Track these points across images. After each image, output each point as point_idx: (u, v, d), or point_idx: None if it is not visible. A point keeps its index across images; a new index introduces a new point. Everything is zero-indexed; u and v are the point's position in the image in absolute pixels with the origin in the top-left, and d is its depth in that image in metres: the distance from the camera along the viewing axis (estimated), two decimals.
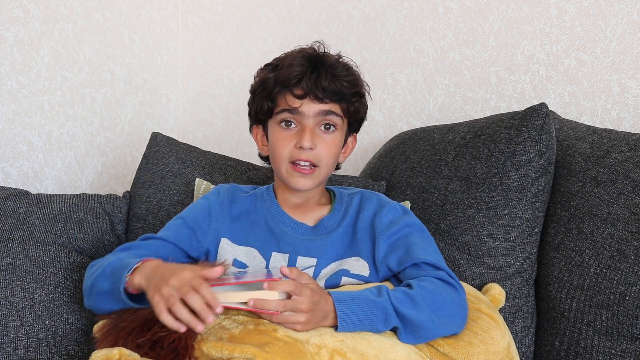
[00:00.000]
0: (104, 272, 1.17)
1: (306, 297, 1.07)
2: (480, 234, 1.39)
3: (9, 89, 1.83)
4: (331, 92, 1.25)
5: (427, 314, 1.13)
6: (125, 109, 2.13)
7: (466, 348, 1.16)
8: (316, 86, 1.24)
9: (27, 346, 1.40)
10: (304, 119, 1.26)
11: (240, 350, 1.01)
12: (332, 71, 1.26)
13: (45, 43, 1.90)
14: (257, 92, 1.32)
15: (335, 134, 1.28)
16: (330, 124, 1.27)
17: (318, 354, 1.04)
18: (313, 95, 1.24)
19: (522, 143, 1.38)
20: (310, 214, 1.33)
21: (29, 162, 1.88)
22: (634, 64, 1.53)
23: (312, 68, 1.26)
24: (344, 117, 1.29)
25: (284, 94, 1.26)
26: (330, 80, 1.25)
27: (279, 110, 1.27)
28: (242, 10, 2.16)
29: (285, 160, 1.27)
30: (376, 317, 1.10)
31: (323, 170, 1.28)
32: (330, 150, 1.27)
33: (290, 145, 1.26)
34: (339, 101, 1.27)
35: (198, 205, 1.34)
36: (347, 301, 1.11)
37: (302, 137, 1.24)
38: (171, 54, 2.26)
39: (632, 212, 1.27)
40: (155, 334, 1.09)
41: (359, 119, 1.35)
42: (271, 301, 1.05)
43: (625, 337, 1.23)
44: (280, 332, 1.06)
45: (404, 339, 1.13)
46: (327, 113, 1.26)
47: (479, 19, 1.73)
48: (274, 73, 1.28)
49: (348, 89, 1.27)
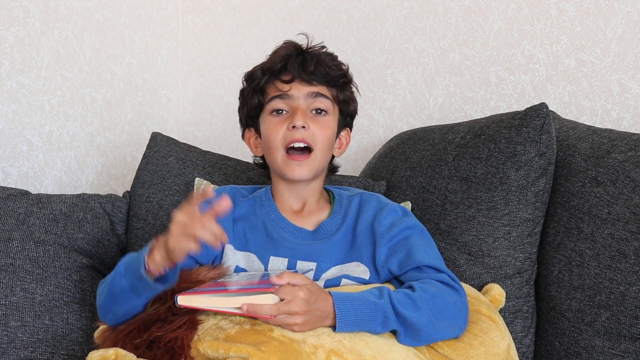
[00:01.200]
0: (117, 273, 1.16)
1: (300, 299, 1.06)
2: (480, 234, 1.39)
3: (9, 89, 1.83)
4: (319, 74, 1.28)
5: (428, 317, 1.13)
6: (125, 109, 2.13)
7: (466, 350, 1.16)
8: (303, 69, 1.27)
9: (27, 346, 1.40)
10: (294, 101, 1.27)
11: (235, 349, 1.01)
12: (317, 57, 1.29)
13: (45, 43, 1.90)
14: (245, 90, 1.34)
15: (327, 117, 1.29)
16: (321, 108, 1.28)
17: (314, 354, 1.04)
18: (300, 78, 1.27)
19: (522, 143, 1.38)
20: (310, 218, 1.32)
21: (29, 162, 1.88)
22: (634, 64, 1.53)
23: (297, 53, 1.29)
24: (334, 103, 1.31)
25: (273, 82, 1.29)
26: (316, 63, 1.28)
27: (269, 99, 1.28)
28: (242, 10, 2.16)
29: (279, 147, 1.27)
30: (375, 319, 1.10)
31: (319, 155, 1.27)
32: (323, 131, 1.28)
33: (283, 128, 1.26)
34: (327, 84, 1.29)
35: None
36: (347, 302, 1.10)
37: (294, 116, 1.25)
38: (171, 54, 2.26)
39: (632, 212, 1.27)
40: (152, 334, 1.09)
41: (350, 111, 1.36)
42: (264, 305, 1.05)
43: (625, 337, 1.23)
44: (277, 332, 1.06)
45: (404, 342, 1.13)
46: (316, 95, 1.28)
47: (479, 19, 1.73)
48: (261, 66, 1.32)
49: (335, 71, 1.30)
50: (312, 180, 1.31)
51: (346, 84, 1.34)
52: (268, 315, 1.05)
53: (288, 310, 1.06)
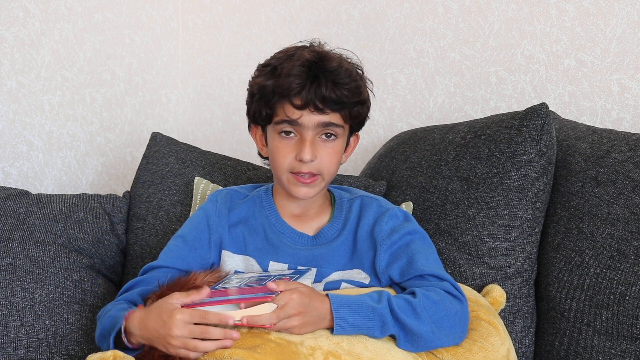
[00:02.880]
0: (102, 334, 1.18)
1: (294, 301, 1.07)
2: (480, 234, 1.39)
3: (9, 89, 1.83)
4: (331, 101, 1.19)
5: (428, 324, 1.13)
6: (125, 109, 2.13)
7: (465, 355, 1.16)
8: (316, 96, 1.18)
9: (27, 346, 1.40)
10: (304, 130, 1.21)
11: (230, 352, 1.02)
12: (332, 78, 1.19)
13: (45, 43, 1.90)
14: (255, 96, 1.26)
15: (336, 141, 1.24)
16: (331, 133, 1.23)
17: (312, 355, 1.04)
18: (313, 106, 1.19)
19: (523, 143, 1.38)
20: (310, 222, 1.30)
21: (29, 162, 1.88)
22: (634, 64, 1.53)
23: (312, 77, 1.19)
24: (345, 123, 1.25)
25: (283, 104, 1.21)
26: (331, 89, 1.18)
27: (278, 121, 1.22)
28: (242, 10, 2.16)
29: (285, 171, 1.23)
30: (373, 323, 1.10)
31: (326, 177, 1.25)
32: (331, 159, 1.23)
33: (291, 156, 1.22)
34: (339, 110, 1.21)
35: (196, 220, 1.31)
36: (344, 305, 1.10)
37: (302, 150, 1.20)
38: (171, 54, 2.26)
39: (632, 212, 1.27)
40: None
41: (362, 120, 1.29)
42: (262, 316, 1.06)
43: (625, 337, 1.23)
44: (273, 335, 1.06)
45: (403, 347, 1.13)
46: (327, 125, 1.21)
47: (479, 19, 1.73)
48: (272, 81, 1.21)
49: (349, 98, 1.21)
50: None
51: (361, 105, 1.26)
52: (268, 325, 1.06)
53: (285, 314, 1.07)
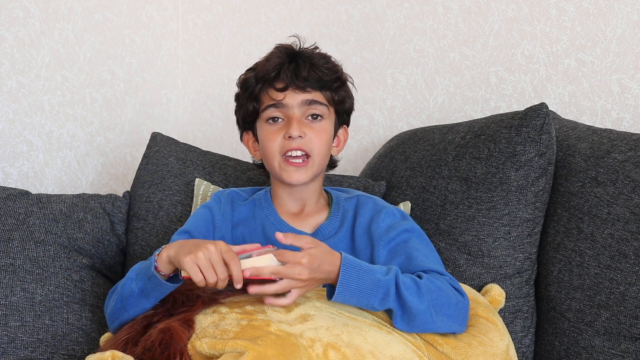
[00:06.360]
0: (128, 278, 1.17)
1: (302, 266, 1.06)
2: (480, 234, 1.39)
3: (9, 89, 1.83)
4: (312, 80, 1.26)
5: (427, 306, 1.13)
6: (125, 109, 2.13)
7: (465, 349, 1.16)
8: (296, 76, 1.26)
9: (27, 346, 1.40)
10: (289, 110, 1.26)
11: (232, 344, 1.02)
12: (310, 60, 1.27)
13: (45, 43, 1.90)
14: (240, 96, 1.33)
15: (323, 122, 1.29)
16: (317, 113, 1.28)
17: (312, 347, 1.04)
18: (294, 86, 1.26)
19: (522, 143, 1.38)
20: (309, 220, 1.32)
21: (29, 162, 1.89)
22: (634, 64, 1.53)
23: (290, 59, 1.28)
24: (330, 105, 1.30)
25: (267, 90, 1.28)
26: (309, 68, 1.26)
27: (264, 108, 1.28)
28: (242, 10, 2.16)
29: (276, 155, 1.27)
30: (375, 294, 1.10)
31: (317, 159, 1.28)
32: (320, 137, 1.27)
33: (279, 137, 1.26)
34: (321, 89, 1.28)
35: (201, 216, 1.34)
36: (353, 269, 1.10)
37: (289, 126, 1.25)
38: (171, 54, 2.26)
39: (632, 212, 1.27)
40: (149, 338, 1.10)
41: (346, 109, 1.35)
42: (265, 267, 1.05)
43: (625, 337, 1.23)
44: (273, 327, 1.06)
45: (398, 325, 1.12)
46: (311, 102, 1.27)
47: (479, 19, 1.73)
48: (254, 73, 1.30)
49: (328, 75, 1.28)
50: (310, 182, 1.31)
51: (341, 86, 1.33)
52: (269, 276, 1.05)
53: (289, 274, 1.06)
